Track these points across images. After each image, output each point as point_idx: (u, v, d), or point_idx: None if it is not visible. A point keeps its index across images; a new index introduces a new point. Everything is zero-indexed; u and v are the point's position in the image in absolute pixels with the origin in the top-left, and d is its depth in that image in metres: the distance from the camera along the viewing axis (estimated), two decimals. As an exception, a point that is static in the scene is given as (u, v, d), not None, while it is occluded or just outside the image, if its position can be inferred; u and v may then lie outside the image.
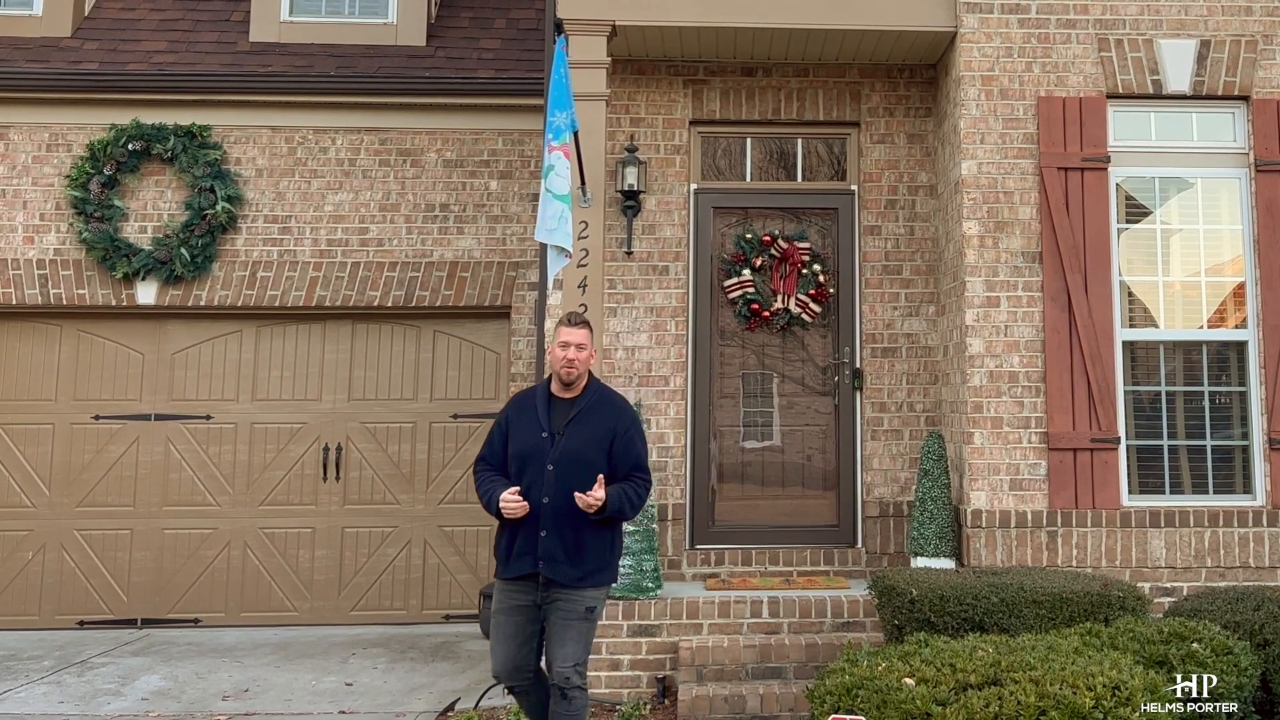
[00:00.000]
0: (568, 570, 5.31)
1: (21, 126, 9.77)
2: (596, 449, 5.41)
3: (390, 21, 10.43)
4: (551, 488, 5.32)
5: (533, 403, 5.58)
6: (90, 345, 9.84)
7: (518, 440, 5.47)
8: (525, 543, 5.33)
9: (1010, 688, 4.42)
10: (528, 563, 5.32)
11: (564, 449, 5.38)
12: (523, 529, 5.34)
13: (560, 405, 5.53)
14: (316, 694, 7.39)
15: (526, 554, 5.32)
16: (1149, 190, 7.88)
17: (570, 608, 5.34)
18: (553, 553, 5.29)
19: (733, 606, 7.17)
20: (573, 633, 5.34)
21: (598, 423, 5.48)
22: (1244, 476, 7.60)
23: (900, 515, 8.19)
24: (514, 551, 5.36)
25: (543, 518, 5.31)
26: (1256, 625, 5.68)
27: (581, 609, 5.36)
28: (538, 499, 5.31)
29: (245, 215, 9.76)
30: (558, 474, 5.33)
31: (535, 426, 5.46)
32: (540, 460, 5.36)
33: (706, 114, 8.57)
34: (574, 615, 5.35)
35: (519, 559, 5.34)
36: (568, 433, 5.43)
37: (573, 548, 5.33)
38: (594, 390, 5.61)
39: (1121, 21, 7.81)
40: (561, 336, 5.52)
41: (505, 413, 5.67)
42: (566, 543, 5.32)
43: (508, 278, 9.77)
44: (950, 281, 7.99)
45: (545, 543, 5.30)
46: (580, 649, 5.36)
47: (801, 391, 8.49)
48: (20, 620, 9.41)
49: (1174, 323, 7.78)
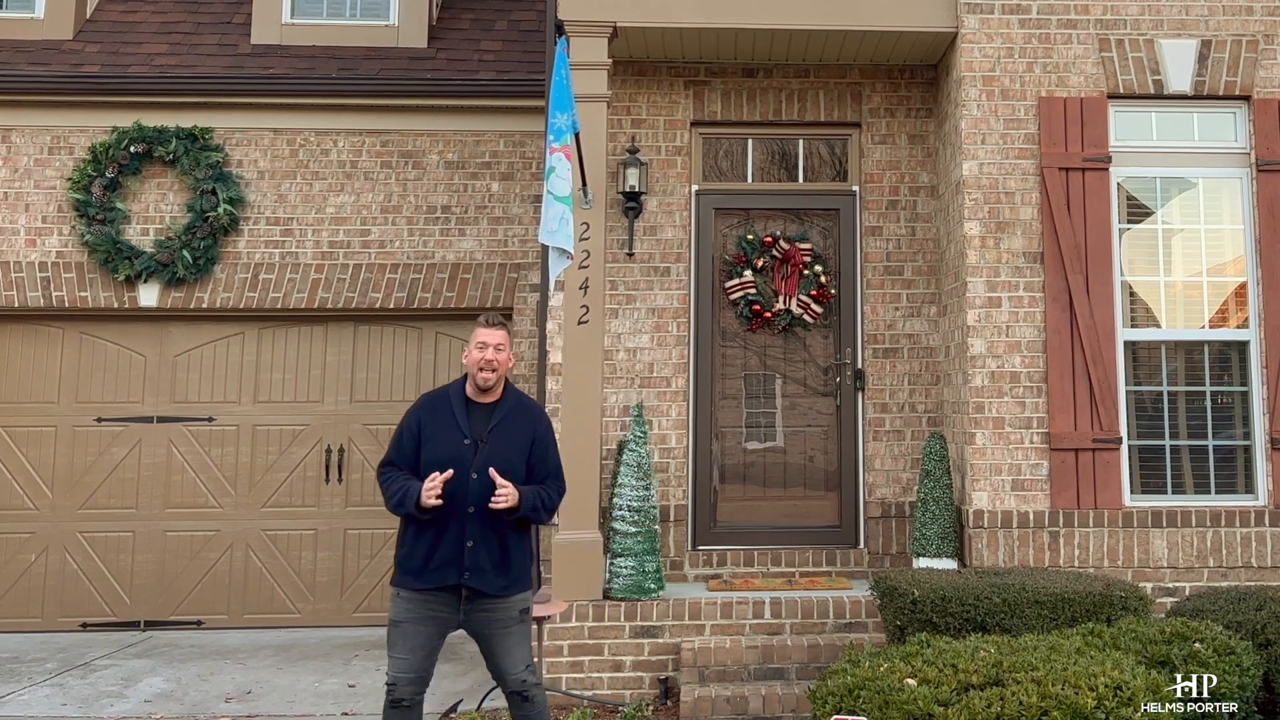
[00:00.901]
0: (494, 580, 5.19)
1: (23, 129, 9.78)
2: (519, 456, 5.28)
3: (391, 23, 10.44)
4: (476, 497, 5.14)
5: (448, 406, 5.36)
6: (92, 347, 9.85)
7: (435, 447, 5.25)
8: (449, 553, 5.16)
9: (1012, 688, 4.42)
10: (451, 574, 5.16)
11: (487, 457, 5.20)
12: (444, 539, 5.17)
13: (479, 410, 5.35)
14: (319, 696, 7.40)
15: (450, 565, 5.15)
16: (1150, 190, 7.88)
17: (504, 615, 5.24)
18: (480, 564, 5.15)
19: (735, 607, 7.17)
20: (515, 639, 5.26)
21: (519, 430, 5.33)
22: (1246, 476, 7.60)
23: (902, 516, 8.19)
24: (433, 562, 5.17)
25: (468, 528, 5.15)
26: (1259, 625, 5.67)
27: (516, 613, 5.27)
28: (462, 508, 5.14)
29: (247, 217, 9.76)
30: (482, 482, 5.15)
31: (456, 433, 5.26)
32: (463, 468, 5.16)
33: (708, 115, 8.57)
34: (511, 621, 5.26)
35: (441, 570, 5.16)
36: (491, 440, 5.26)
37: (499, 557, 5.20)
38: (512, 395, 5.45)
39: (1122, 21, 7.81)
40: (479, 337, 5.32)
41: (415, 416, 5.41)
42: (493, 553, 5.19)
43: (509, 279, 9.77)
44: (952, 282, 7.99)
45: (472, 554, 5.15)
46: (527, 651, 5.30)
47: (803, 392, 8.49)
48: (23, 623, 9.41)
49: (1175, 323, 7.78)
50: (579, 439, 7.31)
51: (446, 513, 5.13)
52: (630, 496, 7.30)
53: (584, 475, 7.27)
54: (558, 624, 7.00)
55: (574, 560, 7.16)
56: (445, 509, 5.11)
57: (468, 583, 5.15)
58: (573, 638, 7.05)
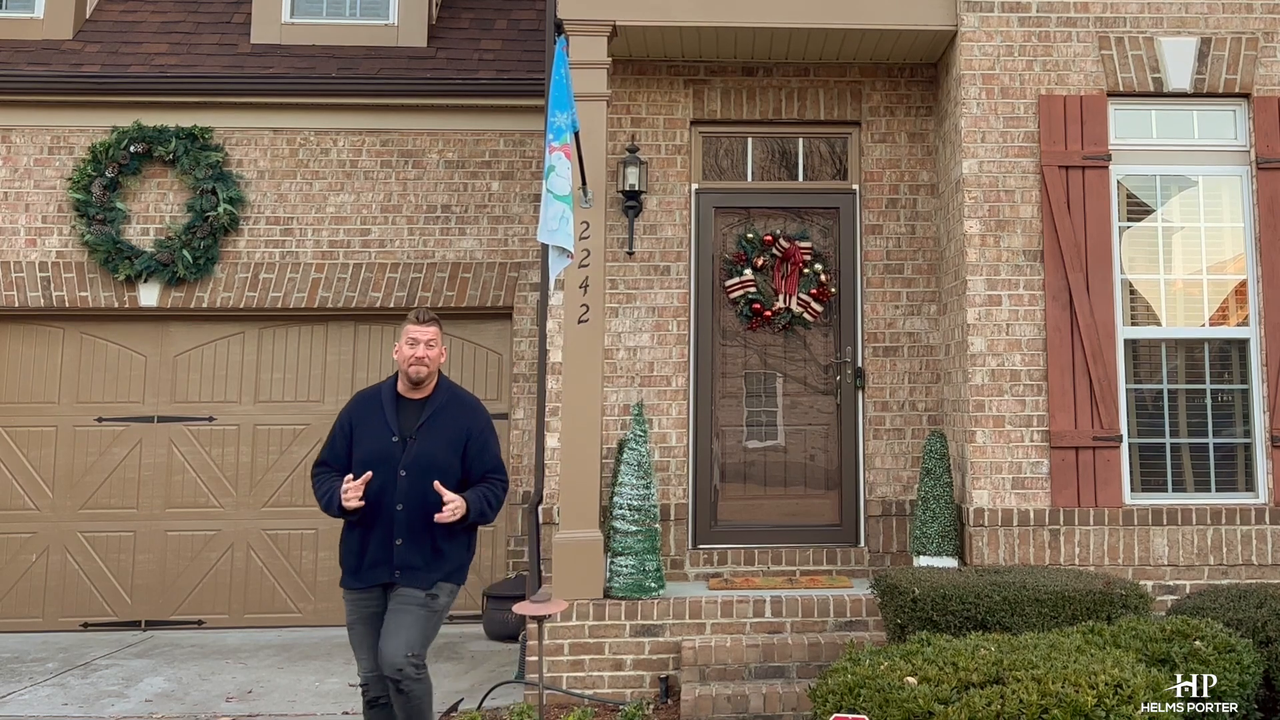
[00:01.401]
0: (424, 576, 5.15)
1: (23, 129, 9.79)
2: (450, 452, 5.22)
3: (391, 23, 10.44)
4: (405, 494, 5.12)
5: (378, 403, 5.32)
6: (93, 347, 9.86)
7: (364, 444, 5.22)
8: (379, 551, 5.14)
9: (1012, 686, 4.42)
10: (383, 573, 5.15)
11: (416, 453, 5.17)
12: (374, 537, 5.14)
13: (409, 406, 5.31)
14: (320, 695, 7.40)
15: (382, 564, 5.14)
16: (1150, 188, 7.88)
17: (410, 593, 5.13)
18: (410, 561, 5.13)
19: (735, 606, 7.17)
20: (409, 618, 5.10)
21: (450, 425, 5.28)
22: (1246, 474, 7.59)
23: (903, 514, 8.18)
24: (366, 561, 5.16)
25: (397, 526, 5.12)
26: (1259, 623, 5.67)
27: (422, 595, 5.14)
28: (390, 506, 5.11)
29: (247, 217, 9.77)
30: (410, 480, 5.12)
31: (383, 430, 5.23)
32: (391, 465, 5.13)
33: (708, 114, 8.57)
34: (413, 600, 5.12)
35: (373, 569, 5.15)
36: (420, 436, 5.22)
37: (430, 554, 5.16)
38: (444, 390, 5.40)
39: (1122, 19, 7.81)
40: (409, 333, 5.29)
41: (347, 413, 5.39)
42: (424, 550, 5.14)
43: (510, 278, 9.78)
44: (952, 280, 7.99)
45: (401, 552, 5.12)
46: (417, 635, 5.09)
47: (803, 391, 8.49)
48: (24, 623, 9.42)
49: (1176, 321, 7.77)
50: (579, 438, 7.30)
51: (375, 511, 5.10)
52: (631, 495, 7.30)
53: (584, 474, 7.27)
54: (558, 623, 7.00)
55: (574, 559, 7.16)
56: (374, 507, 5.08)
57: (399, 581, 5.13)
58: (573, 637, 7.05)
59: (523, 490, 9.48)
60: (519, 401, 9.70)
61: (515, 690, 7.19)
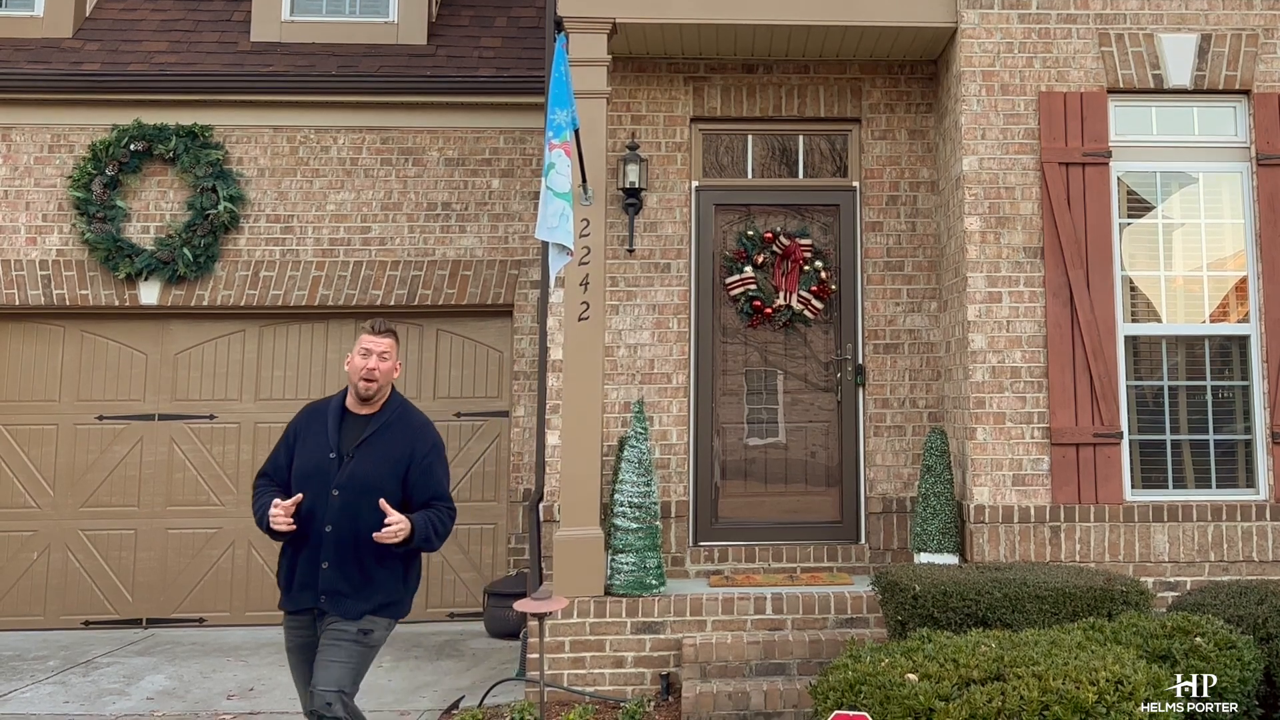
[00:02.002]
0: (354, 606, 4.81)
1: (23, 127, 9.78)
2: (389, 475, 4.87)
3: (391, 20, 10.44)
4: (335, 515, 4.79)
5: (324, 416, 5.00)
6: (93, 346, 9.86)
7: (302, 458, 4.91)
8: (306, 574, 4.83)
9: (1013, 683, 4.42)
10: (309, 597, 4.83)
11: (351, 473, 4.83)
12: (303, 558, 4.84)
13: (354, 422, 4.98)
14: (321, 692, 7.39)
15: (308, 587, 4.82)
16: (1150, 185, 7.88)
17: (343, 626, 4.80)
18: (335, 586, 4.79)
19: (736, 603, 7.17)
20: (341, 652, 4.77)
21: (393, 445, 4.94)
22: (1247, 471, 7.59)
23: (903, 511, 8.19)
24: (295, 582, 4.87)
25: (324, 548, 4.79)
26: (1260, 619, 5.68)
27: (355, 629, 4.81)
28: (319, 527, 4.78)
29: (247, 215, 9.77)
30: (343, 500, 4.79)
31: (323, 444, 4.90)
32: (324, 483, 4.81)
33: (708, 111, 8.57)
34: (346, 635, 4.79)
35: (301, 592, 4.85)
36: (358, 455, 4.88)
37: (358, 581, 4.81)
38: (394, 408, 5.08)
39: (1122, 16, 7.81)
40: (362, 344, 5.00)
41: (294, 424, 5.07)
42: (351, 576, 4.80)
43: (510, 276, 9.78)
44: (952, 277, 7.99)
45: (327, 576, 4.79)
46: (347, 673, 4.77)
47: (804, 388, 8.49)
48: (25, 620, 9.43)
49: (1176, 317, 7.77)
50: (580, 435, 7.31)
51: (305, 531, 4.80)
52: (631, 493, 7.30)
53: (585, 472, 7.28)
54: (559, 620, 7.01)
55: (575, 557, 7.17)
56: (305, 527, 4.78)
57: (324, 606, 4.82)
58: (574, 634, 7.06)
59: (523, 488, 9.48)
60: (520, 399, 9.70)
61: (516, 687, 7.19)
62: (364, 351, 4.98)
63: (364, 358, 4.96)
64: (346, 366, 5.07)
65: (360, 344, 5.02)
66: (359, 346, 5.00)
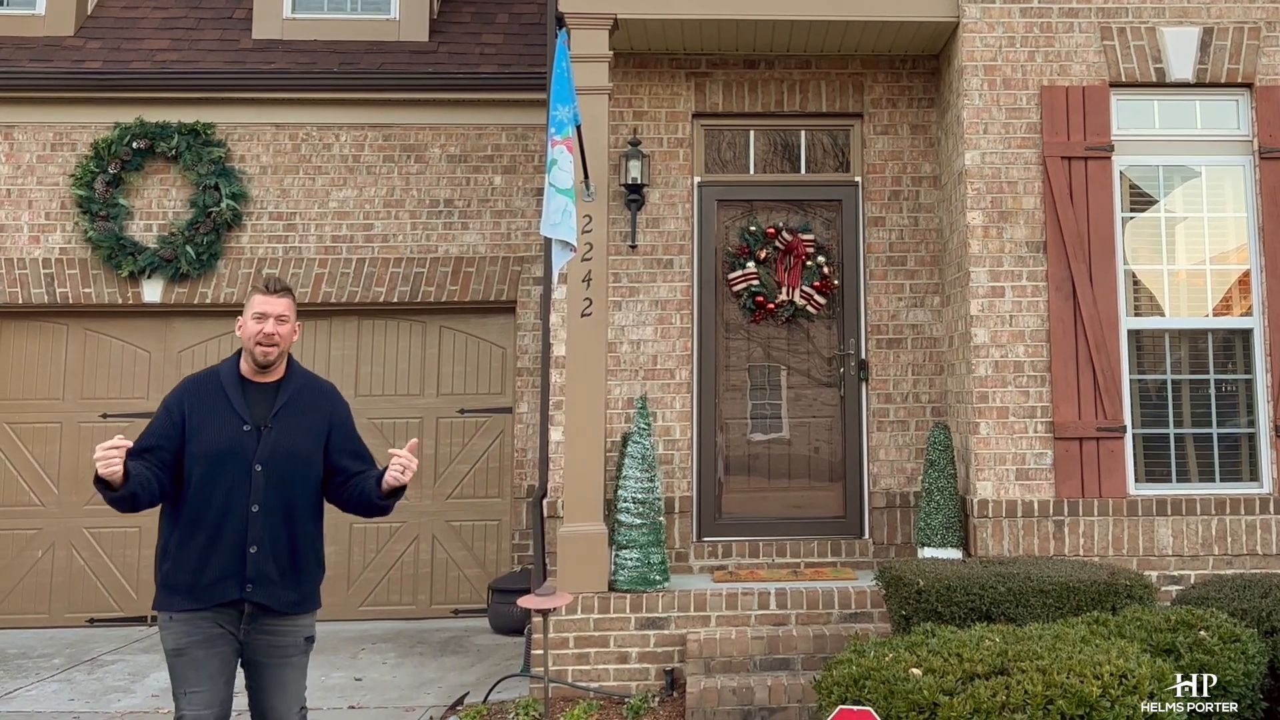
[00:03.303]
0: (283, 594, 4.37)
1: (26, 126, 9.80)
2: (313, 443, 4.49)
3: (393, 17, 10.44)
4: (261, 493, 4.33)
5: (219, 388, 4.45)
6: (97, 344, 9.87)
7: (208, 435, 4.33)
8: (227, 563, 4.29)
9: (1017, 677, 4.42)
10: (230, 587, 4.29)
11: (275, 444, 4.39)
12: (219, 545, 4.29)
13: (258, 391, 4.48)
14: (326, 689, 7.41)
15: (230, 577, 4.28)
16: (1153, 179, 7.87)
17: (288, 641, 4.44)
18: (266, 573, 4.32)
19: (740, 598, 7.18)
20: (294, 673, 4.50)
21: (312, 411, 4.54)
22: (1250, 464, 7.59)
23: (907, 506, 8.19)
24: (207, 575, 4.28)
25: (251, 530, 4.30)
26: (1264, 612, 5.67)
27: (300, 640, 4.49)
28: (243, 508, 4.30)
29: (250, 212, 9.79)
30: (269, 475, 4.35)
31: (231, 418, 4.38)
32: (243, 459, 4.33)
33: (709, 107, 8.56)
34: (294, 650, 4.46)
35: (220, 584, 4.28)
36: (277, 424, 4.42)
37: (288, 565, 4.39)
38: (298, 374, 4.63)
39: (1124, 9, 7.80)
40: (257, 306, 4.44)
41: (177, 399, 4.43)
42: (281, 560, 4.37)
43: (513, 272, 9.78)
44: (955, 272, 7.99)
45: (256, 561, 4.30)
46: (302, 689, 4.55)
47: (807, 383, 8.49)
48: (30, 618, 9.46)
49: (1179, 311, 7.76)
50: (583, 431, 7.31)
51: (222, 513, 4.31)
52: (635, 488, 7.31)
53: (588, 468, 7.28)
54: (563, 616, 7.01)
55: (579, 552, 7.17)
56: (222, 509, 4.31)
57: (251, 597, 4.31)
58: (578, 630, 7.07)
59: (527, 484, 9.49)
60: (523, 395, 9.71)
61: (521, 683, 7.20)
62: (259, 315, 4.43)
63: (259, 321, 4.42)
64: (238, 331, 4.51)
65: (253, 306, 4.45)
66: (252, 310, 4.44)
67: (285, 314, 4.47)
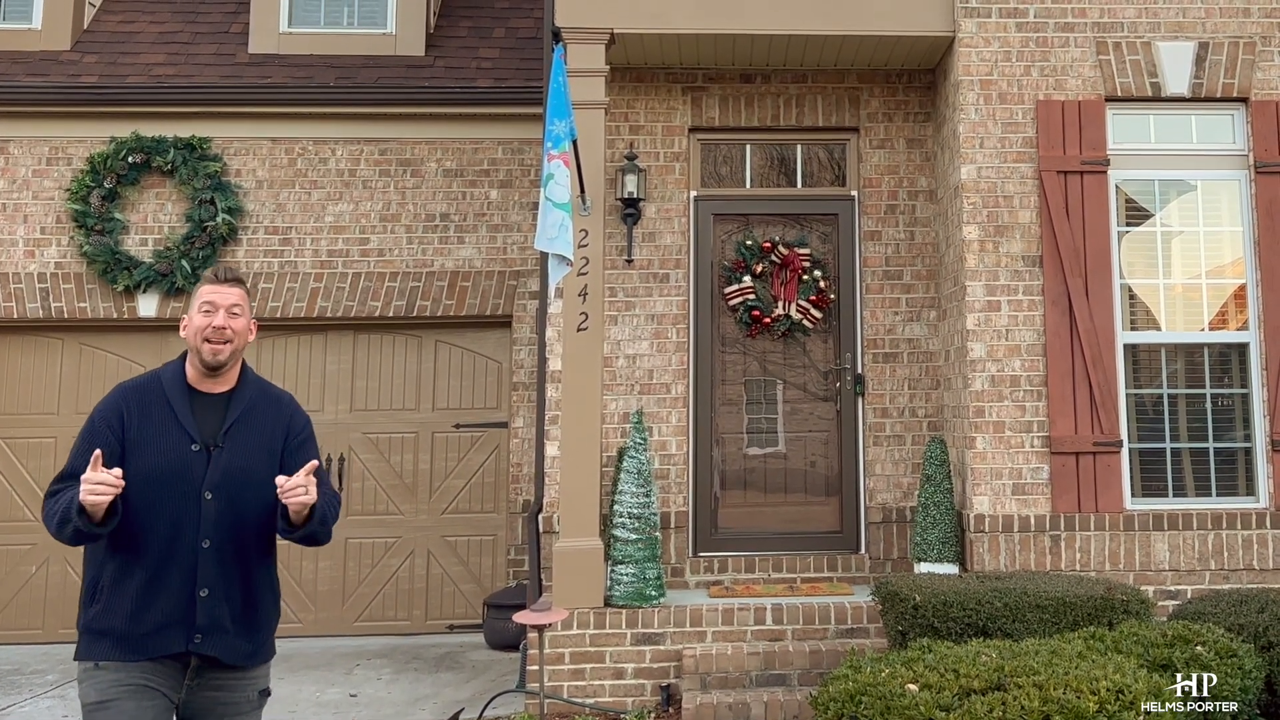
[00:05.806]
0: (237, 645, 3.70)
1: (21, 140, 9.79)
2: (268, 463, 3.73)
3: (389, 32, 10.45)
4: (212, 525, 3.63)
5: (161, 399, 3.70)
6: (92, 358, 9.85)
7: (149, 453, 3.60)
8: (172, 608, 3.58)
9: (1014, 692, 4.41)
10: (175, 638, 3.59)
11: (226, 468, 3.67)
12: (163, 588, 3.58)
13: (208, 404, 3.74)
14: (320, 705, 7.38)
15: (174, 625, 3.58)
16: (1149, 193, 7.88)
17: (239, 697, 3.76)
18: (218, 620, 3.63)
19: (736, 614, 7.16)
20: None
21: (265, 427, 3.80)
22: (1247, 478, 7.58)
23: (903, 521, 8.17)
24: (147, 622, 3.56)
25: (201, 569, 3.60)
26: (1261, 628, 5.67)
27: (254, 694, 3.82)
28: (191, 543, 3.59)
29: (246, 227, 9.78)
30: (219, 504, 3.64)
31: (176, 434, 3.65)
32: (190, 485, 3.61)
33: (706, 121, 8.57)
34: (246, 706, 3.79)
35: (162, 633, 3.57)
36: (229, 443, 3.71)
37: (241, 610, 3.71)
38: (252, 383, 3.88)
39: (1119, 24, 7.81)
40: (204, 296, 3.72)
41: (113, 409, 3.68)
42: (235, 605, 3.69)
43: (509, 287, 9.78)
44: (951, 286, 7.99)
45: (207, 607, 3.61)
46: None
47: (803, 398, 8.48)
48: (24, 634, 9.41)
49: (1175, 325, 7.77)
50: (579, 446, 7.29)
51: (166, 549, 3.59)
52: (631, 503, 7.29)
53: (584, 483, 7.27)
54: (559, 632, 6.99)
55: (575, 568, 7.15)
56: (166, 543, 3.59)
57: (200, 649, 3.62)
58: (574, 645, 7.04)
59: (523, 499, 9.47)
60: (519, 410, 9.69)
61: (516, 699, 7.17)
62: (207, 307, 3.70)
63: (208, 315, 3.69)
64: (183, 332, 3.76)
65: (200, 297, 3.74)
66: (199, 301, 3.72)
67: (238, 305, 3.74)
